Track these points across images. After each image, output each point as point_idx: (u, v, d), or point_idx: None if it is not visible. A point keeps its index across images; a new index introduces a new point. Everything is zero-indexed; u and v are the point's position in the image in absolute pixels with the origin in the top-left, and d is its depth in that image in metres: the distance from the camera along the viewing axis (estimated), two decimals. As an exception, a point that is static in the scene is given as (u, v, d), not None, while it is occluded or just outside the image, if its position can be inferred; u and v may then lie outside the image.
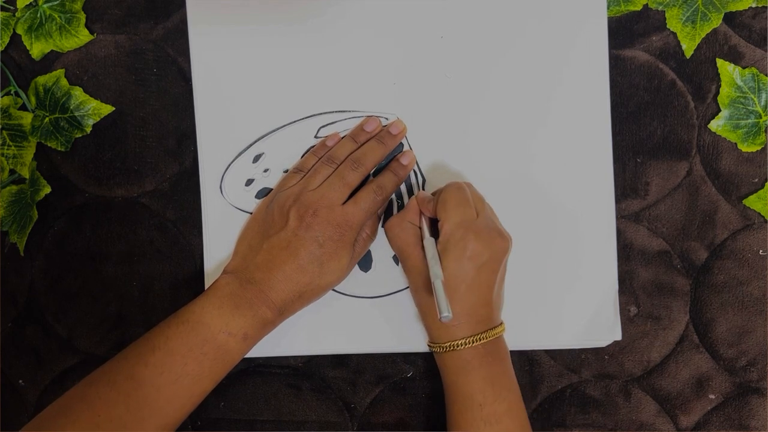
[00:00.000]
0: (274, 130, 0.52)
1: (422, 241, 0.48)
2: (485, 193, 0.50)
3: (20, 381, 0.54)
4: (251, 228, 0.51)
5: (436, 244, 0.46)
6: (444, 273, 0.45)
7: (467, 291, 0.45)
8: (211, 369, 0.45)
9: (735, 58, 0.52)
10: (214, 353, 0.45)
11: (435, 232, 0.48)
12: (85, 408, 0.43)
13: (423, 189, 0.52)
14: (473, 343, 0.45)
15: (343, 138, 0.52)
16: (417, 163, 0.52)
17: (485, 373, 0.46)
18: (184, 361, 0.44)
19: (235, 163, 0.52)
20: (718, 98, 0.52)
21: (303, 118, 0.52)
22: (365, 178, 0.50)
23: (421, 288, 0.47)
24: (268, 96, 0.52)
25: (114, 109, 0.53)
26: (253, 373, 0.54)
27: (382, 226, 0.52)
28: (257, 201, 0.52)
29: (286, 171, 0.52)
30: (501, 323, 0.48)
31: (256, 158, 0.52)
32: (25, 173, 0.53)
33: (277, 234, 0.47)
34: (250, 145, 0.52)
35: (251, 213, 0.52)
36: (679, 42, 0.52)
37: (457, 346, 0.46)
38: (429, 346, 0.49)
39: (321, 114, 0.52)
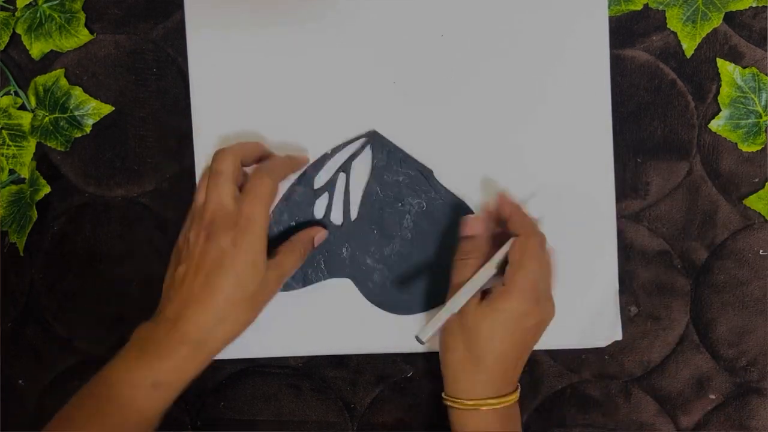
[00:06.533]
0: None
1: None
2: (485, 193, 0.50)
3: (20, 381, 0.54)
4: (169, 268, 0.47)
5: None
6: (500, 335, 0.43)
7: (508, 348, 0.44)
8: (124, 428, 0.41)
9: (735, 57, 0.52)
10: (118, 412, 0.40)
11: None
12: None
13: (430, 177, 0.51)
14: (500, 404, 0.44)
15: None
16: (416, 162, 0.52)
17: None
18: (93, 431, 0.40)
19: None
20: (719, 98, 0.52)
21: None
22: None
23: (460, 346, 0.44)
24: (266, 96, 0.52)
25: (114, 109, 0.53)
26: (253, 373, 0.54)
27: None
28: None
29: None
30: (517, 387, 0.46)
31: None
32: (25, 173, 0.53)
33: (184, 261, 0.44)
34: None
35: None
36: (679, 42, 0.52)
37: (482, 406, 0.43)
38: (449, 401, 0.46)
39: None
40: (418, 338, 0.43)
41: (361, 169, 0.52)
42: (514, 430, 0.45)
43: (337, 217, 0.52)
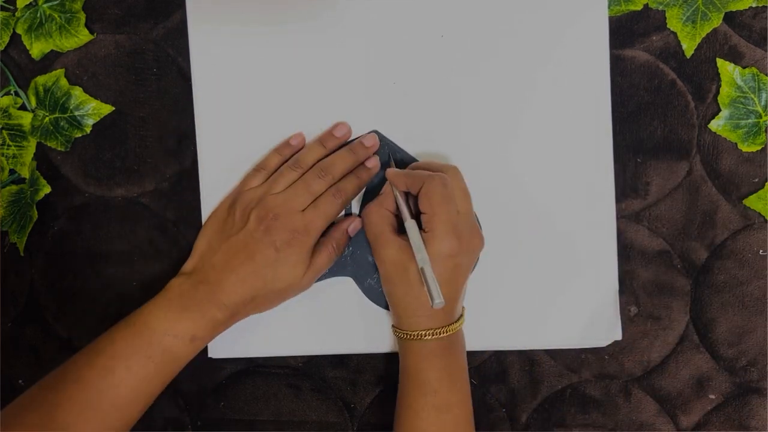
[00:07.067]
0: None
1: (396, 227, 0.48)
2: (485, 193, 0.50)
3: (20, 381, 0.54)
4: (211, 226, 0.51)
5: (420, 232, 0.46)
6: None
7: (441, 287, 0.46)
8: (156, 371, 0.45)
9: (735, 57, 0.52)
10: (159, 356, 0.45)
11: (413, 211, 0.48)
12: (33, 411, 0.43)
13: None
14: (439, 334, 0.47)
15: (311, 142, 0.52)
16: (417, 161, 0.52)
17: (444, 363, 0.47)
18: (128, 365, 0.45)
19: None
20: (719, 98, 0.52)
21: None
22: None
23: (395, 277, 0.47)
24: (267, 95, 0.52)
25: (114, 109, 0.53)
26: (253, 373, 0.54)
27: (359, 215, 0.52)
28: None
29: None
30: (461, 316, 0.49)
31: None
32: (25, 173, 0.53)
33: (236, 235, 0.48)
34: None
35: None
36: (679, 42, 0.52)
37: (424, 336, 0.47)
38: (395, 331, 0.49)
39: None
40: (438, 304, 0.44)
41: (362, 168, 0.52)
42: (454, 358, 0.48)
43: (339, 216, 0.52)
